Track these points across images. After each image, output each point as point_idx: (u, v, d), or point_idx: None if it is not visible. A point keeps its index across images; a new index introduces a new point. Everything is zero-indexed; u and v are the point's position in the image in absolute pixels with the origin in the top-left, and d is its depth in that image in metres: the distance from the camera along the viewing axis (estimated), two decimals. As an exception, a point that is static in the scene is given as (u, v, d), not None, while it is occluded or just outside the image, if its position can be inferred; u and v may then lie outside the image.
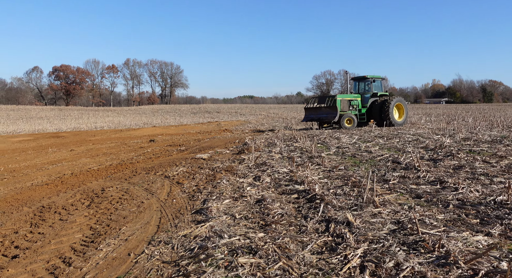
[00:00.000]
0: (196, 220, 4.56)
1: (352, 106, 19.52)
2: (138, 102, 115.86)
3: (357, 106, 19.68)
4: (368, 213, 4.38)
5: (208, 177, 7.10)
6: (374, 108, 19.43)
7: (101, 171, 8.74)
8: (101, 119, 39.26)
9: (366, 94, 20.11)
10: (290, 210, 4.75)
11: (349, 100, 19.48)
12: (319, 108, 19.09)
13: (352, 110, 19.46)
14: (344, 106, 18.99)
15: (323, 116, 18.80)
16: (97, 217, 4.88)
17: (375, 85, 20.21)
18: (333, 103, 18.35)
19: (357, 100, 19.75)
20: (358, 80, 20.98)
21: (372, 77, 20.13)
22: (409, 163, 7.29)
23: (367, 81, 20.28)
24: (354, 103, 19.59)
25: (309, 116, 19.69)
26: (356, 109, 19.63)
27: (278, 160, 8.75)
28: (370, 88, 20.12)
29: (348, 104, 19.30)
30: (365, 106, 19.84)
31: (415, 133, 13.80)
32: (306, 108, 20.06)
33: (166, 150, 12.50)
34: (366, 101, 19.86)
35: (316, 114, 19.27)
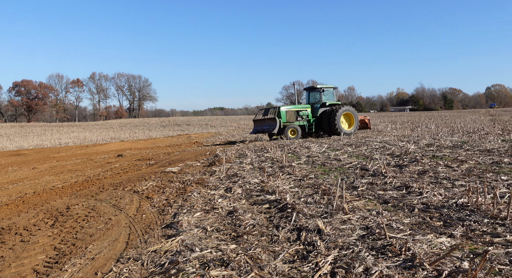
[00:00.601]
0: (166, 234, 4.47)
1: (301, 117, 19.61)
2: (105, 117, 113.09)
3: (306, 116, 19.75)
4: (338, 220, 4.45)
5: (179, 191, 7.00)
6: (324, 118, 19.53)
7: (66, 188, 8.42)
8: (66, 135, 38.01)
9: (316, 104, 20.24)
10: (262, 220, 4.75)
11: (297, 111, 19.55)
12: (264, 120, 19.19)
13: (301, 120, 19.55)
14: (290, 117, 19.12)
15: (266, 128, 18.85)
16: (61, 236, 4.69)
17: (326, 94, 20.30)
18: (273, 115, 18.56)
19: (307, 111, 19.83)
20: (309, 90, 21.15)
21: (322, 86, 20.27)
22: (377, 169, 7.49)
23: (317, 91, 20.43)
24: (303, 114, 19.67)
25: (256, 128, 19.76)
26: (305, 119, 19.72)
27: (249, 171, 8.76)
28: (320, 98, 20.21)
29: (295, 114, 19.39)
30: (315, 116, 19.94)
31: (382, 140, 14.20)
32: (254, 120, 20.13)
33: (134, 165, 12.23)
34: (316, 111, 19.96)
35: (261, 125, 19.34)
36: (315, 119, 19.90)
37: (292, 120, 19.19)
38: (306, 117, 19.79)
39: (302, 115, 19.66)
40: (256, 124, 19.84)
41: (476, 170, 6.93)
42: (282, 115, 18.84)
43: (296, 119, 19.44)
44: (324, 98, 20.19)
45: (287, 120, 18.99)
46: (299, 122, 19.46)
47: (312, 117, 19.94)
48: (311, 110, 20.08)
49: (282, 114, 18.84)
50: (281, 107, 19.09)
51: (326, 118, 19.26)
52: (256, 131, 19.53)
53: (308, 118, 19.82)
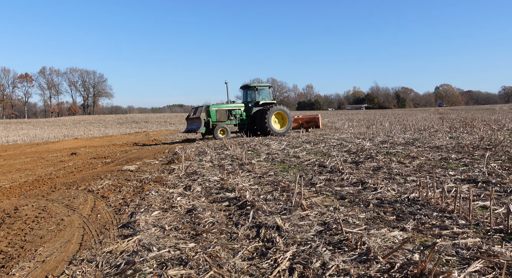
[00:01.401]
0: (122, 234, 4.34)
1: (233, 116, 19.49)
2: (57, 113, 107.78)
3: (240, 115, 19.64)
4: (296, 216, 4.52)
5: (136, 189, 6.83)
6: (257, 117, 19.38)
7: (14, 188, 7.94)
8: (14, 133, 35.88)
9: (251, 103, 20.07)
10: (221, 218, 4.73)
11: (228, 110, 19.39)
12: (193, 119, 18.98)
13: (233, 119, 19.45)
14: (220, 116, 18.94)
15: (193, 127, 18.60)
16: (8, 239, 4.42)
17: (261, 93, 20.17)
18: (199, 114, 18.39)
19: (240, 110, 19.72)
20: (245, 88, 20.89)
21: (257, 85, 20.17)
22: (334, 166, 7.70)
23: (252, 90, 20.23)
24: (236, 113, 19.55)
25: (187, 127, 19.53)
26: (238, 118, 19.61)
27: (209, 169, 8.70)
28: (254, 97, 20.02)
29: (226, 114, 19.21)
30: (249, 115, 19.80)
31: (339, 137, 14.61)
32: (186, 119, 19.87)
33: (89, 163, 11.76)
34: (250, 111, 19.80)
35: (191, 124, 19.14)
36: (248, 119, 19.75)
37: (223, 119, 19.00)
38: (240, 116, 19.63)
39: (234, 114, 19.49)
40: (188, 122, 19.58)
41: (427, 166, 7.31)
42: (212, 114, 18.64)
43: (228, 118, 19.26)
44: (259, 97, 20.02)
45: (217, 119, 18.77)
46: (231, 121, 19.35)
47: (245, 116, 19.79)
48: (246, 109, 19.89)
49: (211, 113, 18.65)
50: (211, 106, 18.87)
51: (259, 117, 19.12)
52: (187, 130, 19.21)
53: (241, 117, 19.67)
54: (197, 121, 18.28)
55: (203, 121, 18.04)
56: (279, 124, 19.61)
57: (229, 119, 19.24)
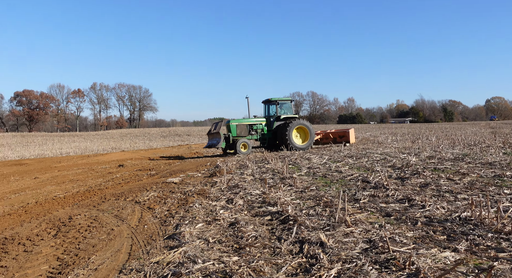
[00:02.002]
0: (168, 245, 4.47)
1: (254, 131, 19.20)
2: (105, 127, 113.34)
3: (261, 130, 19.33)
4: (340, 232, 4.44)
5: (180, 201, 7.00)
6: (278, 132, 19.01)
7: (68, 198, 8.42)
8: (67, 145, 38.05)
9: (272, 117, 19.71)
10: (264, 232, 4.75)
11: (249, 125, 19.11)
12: (213, 134, 18.73)
13: (254, 134, 19.15)
14: (241, 131, 18.71)
15: (213, 142, 18.33)
16: (64, 246, 4.69)
17: (282, 107, 19.91)
18: (218, 129, 18.17)
19: (261, 124, 19.39)
20: (266, 103, 20.58)
21: (278, 99, 19.76)
22: (378, 182, 7.50)
23: (273, 104, 19.90)
24: (257, 127, 19.24)
25: (208, 142, 19.26)
26: (259, 133, 19.30)
27: (251, 182, 8.76)
28: (276, 111, 19.72)
29: (247, 128, 18.95)
30: (270, 130, 19.47)
31: (382, 152, 14.22)
32: (208, 134, 19.65)
33: (136, 175, 12.24)
34: (272, 125, 19.48)
35: (211, 140, 18.90)
36: (270, 133, 19.42)
37: (244, 134, 18.76)
38: (261, 130, 19.34)
39: (256, 129, 19.22)
40: (209, 138, 19.39)
41: (479, 183, 6.94)
42: (232, 129, 18.49)
43: (249, 133, 19.02)
44: (281, 111, 19.75)
45: (237, 134, 18.56)
46: (252, 136, 19.08)
47: (267, 131, 19.48)
48: (267, 123, 19.61)
49: (232, 128, 18.50)
50: (231, 121, 18.71)
51: (280, 132, 18.82)
52: (208, 145, 18.97)
53: (263, 132, 19.38)
54: (217, 136, 18.12)
55: (222, 136, 17.91)
56: (300, 139, 19.25)
57: (250, 133, 19.02)
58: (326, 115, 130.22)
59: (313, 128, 19.40)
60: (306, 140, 19.12)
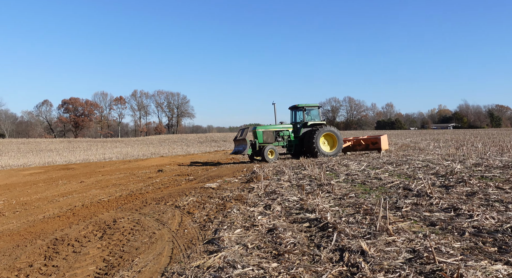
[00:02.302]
0: (208, 250, 4.54)
1: (281, 137, 18.86)
2: (145, 133, 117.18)
3: (288, 136, 18.97)
4: (382, 241, 4.33)
5: (218, 207, 7.09)
6: (305, 139, 18.60)
7: (112, 202, 8.77)
8: (110, 150, 39.64)
9: (299, 124, 19.34)
10: (303, 239, 4.71)
11: (276, 131, 18.77)
12: (239, 140, 18.40)
13: (281, 141, 18.81)
14: (267, 138, 18.35)
15: (239, 149, 18.03)
16: (109, 248, 4.88)
17: (309, 114, 19.50)
18: (245, 136, 17.88)
19: (288, 131, 19.03)
20: (293, 109, 20.12)
21: (305, 106, 19.35)
22: (421, 189, 7.24)
23: (300, 110, 19.54)
24: (283, 134, 18.89)
25: (234, 149, 18.87)
26: (286, 140, 18.94)
27: (288, 188, 8.73)
28: (303, 118, 19.30)
29: (274, 135, 18.62)
30: (297, 137, 19.07)
31: (424, 159, 13.72)
32: (234, 140, 19.21)
33: (174, 180, 12.54)
34: (298, 132, 19.08)
35: (238, 146, 18.58)
36: (296, 140, 19.05)
37: (271, 141, 18.41)
38: (288, 137, 18.97)
39: (282, 135, 18.87)
40: (236, 144, 19.02)
41: (531, 192, 6.53)
42: (258, 135, 18.20)
43: (276, 140, 18.68)
44: (308, 117, 19.36)
45: (264, 140, 18.23)
46: (278, 143, 18.75)
47: (294, 138, 19.11)
48: (294, 130, 19.27)
49: (258, 135, 18.21)
50: (257, 127, 18.42)
51: (307, 139, 18.44)
52: (234, 152, 18.59)
53: (289, 139, 19.01)
54: (243, 142, 17.87)
55: (248, 142, 17.64)
56: (328, 146, 18.83)
57: (276, 140, 18.70)
58: (363, 121, 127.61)
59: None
60: (334, 147, 18.74)
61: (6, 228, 6.82)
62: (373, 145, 20.05)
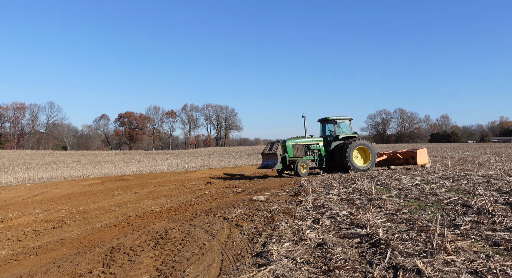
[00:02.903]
0: (257, 263, 4.54)
1: (311, 151, 18.19)
2: (194, 145, 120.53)
3: (318, 150, 18.28)
4: (439, 260, 4.10)
5: (266, 219, 7.09)
6: (337, 152, 17.92)
7: (163, 212, 9.07)
8: (161, 162, 41.12)
9: (330, 137, 18.74)
10: (354, 255, 4.58)
11: (306, 145, 18.12)
12: (269, 154, 17.81)
13: (311, 155, 18.12)
14: (298, 151, 17.71)
15: (269, 163, 17.54)
16: (162, 258, 5.04)
17: (340, 126, 18.83)
18: (275, 150, 17.26)
19: (318, 144, 18.37)
20: (323, 122, 19.49)
21: (336, 118, 18.68)
22: (482, 207, 6.78)
23: (330, 123, 18.95)
24: (314, 147, 18.23)
25: (263, 163, 18.32)
26: (316, 153, 18.23)
27: (337, 202, 8.55)
28: (333, 130, 18.63)
29: (303, 148, 17.96)
30: (328, 150, 18.42)
31: (484, 174, 12.87)
32: (262, 154, 18.59)
33: (223, 192, 12.73)
34: (329, 145, 18.46)
35: (267, 160, 17.99)
36: (327, 154, 18.40)
37: (301, 155, 17.77)
38: (318, 151, 18.31)
39: (312, 149, 18.24)
40: (264, 158, 18.48)
41: None
42: (288, 149, 17.61)
43: (306, 154, 18.03)
44: (338, 130, 18.71)
45: (294, 154, 17.63)
46: (308, 157, 18.05)
47: (324, 151, 18.44)
48: (324, 143, 18.63)
49: (288, 148, 17.62)
50: (288, 141, 17.85)
51: (339, 153, 17.79)
52: (263, 166, 18.09)
53: (319, 152, 18.32)
54: (273, 156, 17.43)
55: (279, 156, 17.12)
56: (362, 160, 18.09)
57: (306, 154, 18.07)
58: (416, 133, 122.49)
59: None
60: (367, 161, 18.02)
61: (68, 236, 7.27)
62: (412, 159, 18.83)
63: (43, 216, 9.65)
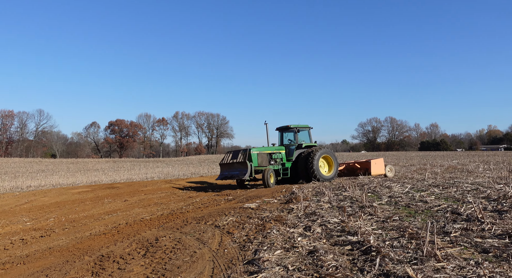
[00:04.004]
0: (248, 270, 4.52)
1: (274, 160, 17.32)
2: (185, 153, 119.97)
3: (280, 159, 17.51)
4: (430, 267, 4.12)
5: (258, 227, 7.07)
6: (300, 162, 17.34)
7: (154, 220, 8.98)
8: (152, 170, 40.82)
9: (291, 146, 18.15)
10: (345, 263, 4.58)
11: (270, 154, 17.23)
12: (232, 164, 16.53)
13: (274, 164, 17.26)
14: (262, 161, 16.70)
15: (235, 173, 16.27)
16: (152, 266, 4.99)
17: (301, 135, 18.34)
18: (243, 159, 16.05)
19: (281, 153, 17.61)
20: (282, 130, 18.83)
21: (297, 126, 18.15)
22: (471, 214, 6.86)
23: (291, 131, 18.35)
24: (276, 157, 17.42)
25: (223, 173, 16.92)
26: (279, 163, 17.45)
27: (328, 210, 8.57)
28: (295, 139, 18.12)
29: (268, 158, 17.04)
30: (290, 160, 17.79)
31: (473, 182, 13.03)
32: (221, 164, 17.29)
33: (214, 200, 12.67)
34: (291, 154, 17.87)
35: (230, 170, 16.68)
36: (290, 163, 17.73)
37: (265, 164, 16.79)
38: (280, 160, 17.53)
39: (275, 158, 17.37)
40: (224, 168, 17.05)
41: None
42: (253, 158, 16.48)
43: (269, 163, 17.09)
44: (299, 139, 18.30)
45: (259, 164, 16.63)
46: (272, 166, 17.09)
47: (286, 161, 17.76)
48: (286, 152, 17.97)
49: (253, 157, 16.49)
50: (252, 149, 16.77)
51: (303, 162, 17.23)
52: (224, 176, 16.68)
53: (282, 162, 17.60)
54: (241, 166, 16.03)
55: (249, 166, 15.74)
56: (325, 169, 17.81)
57: (270, 163, 17.16)
58: (406, 142, 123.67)
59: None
60: (331, 170, 17.82)
61: (56, 244, 7.15)
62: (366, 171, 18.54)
63: (31, 225, 9.49)
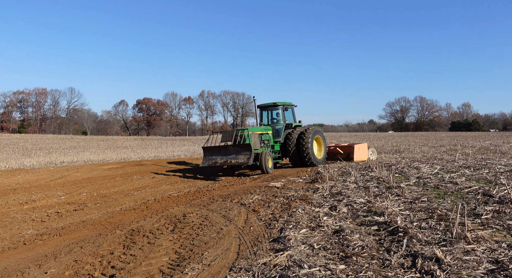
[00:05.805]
0: (274, 248, 4.58)
1: (263, 142, 14.89)
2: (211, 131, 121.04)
3: (268, 141, 15.19)
4: (459, 249, 4.05)
5: (283, 206, 7.12)
6: (290, 144, 15.38)
7: (181, 197, 9.20)
8: (178, 148, 41.55)
9: (277, 125, 16.13)
10: (371, 243, 4.56)
11: (260, 134, 14.83)
12: (225, 147, 13.50)
13: (263, 146, 14.86)
14: (255, 143, 14.13)
15: (231, 158, 13.14)
16: (180, 241, 5.14)
17: (287, 114, 16.42)
18: (244, 141, 13.62)
19: (268, 134, 15.31)
20: (266, 108, 16.55)
21: (284, 104, 16.16)
22: (504, 196, 6.64)
23: (278, 110, 16.28)
24: (265, 138, 15.06)
25: (211, 158, 13.57)
26: (267, 144, 15.11)
27: (354, 190, 8.51)
28: (282, 118, 16.12)
29: (259, 139, 14.63)
30: (277, 141, 15.75)
31: (507, 163, 12.57)
32: (205, 148, 14.03)
33: (239, 178, 12.81)
34: (278, 135, 15.86)
35: (222, 155, 13.41)
36: (278, 145, 15.79)
37: (257, 147, 14.23)
38: (268, 142, 15.22)
39: (264, 140, 15.02)
40: (211, 152, 13.79)
41: None
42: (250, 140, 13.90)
43: (260, 146, 14.62)
44: (287, 118, 16.38)
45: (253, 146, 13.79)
46: (262, 149, 14.62)
47: (274, 143, 15.68)
48: (273, 133, 15.85)
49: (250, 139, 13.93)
50: (248, 129, 14.40)
51: (295, 143, 15.37)
52: (214, 162, 13.37)
53: (270, 144, 15.37)
54: (240, 148, 13.19)
55: (252, 149, 13.01)
56: (316, 151, 16.22)
57: (260, 146, 14.72)
58: (436, 122, 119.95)
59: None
60: (321, 153, 16.36)
61: (89, 218, 7.47)
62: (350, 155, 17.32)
63: (65, 199, 9.93)
